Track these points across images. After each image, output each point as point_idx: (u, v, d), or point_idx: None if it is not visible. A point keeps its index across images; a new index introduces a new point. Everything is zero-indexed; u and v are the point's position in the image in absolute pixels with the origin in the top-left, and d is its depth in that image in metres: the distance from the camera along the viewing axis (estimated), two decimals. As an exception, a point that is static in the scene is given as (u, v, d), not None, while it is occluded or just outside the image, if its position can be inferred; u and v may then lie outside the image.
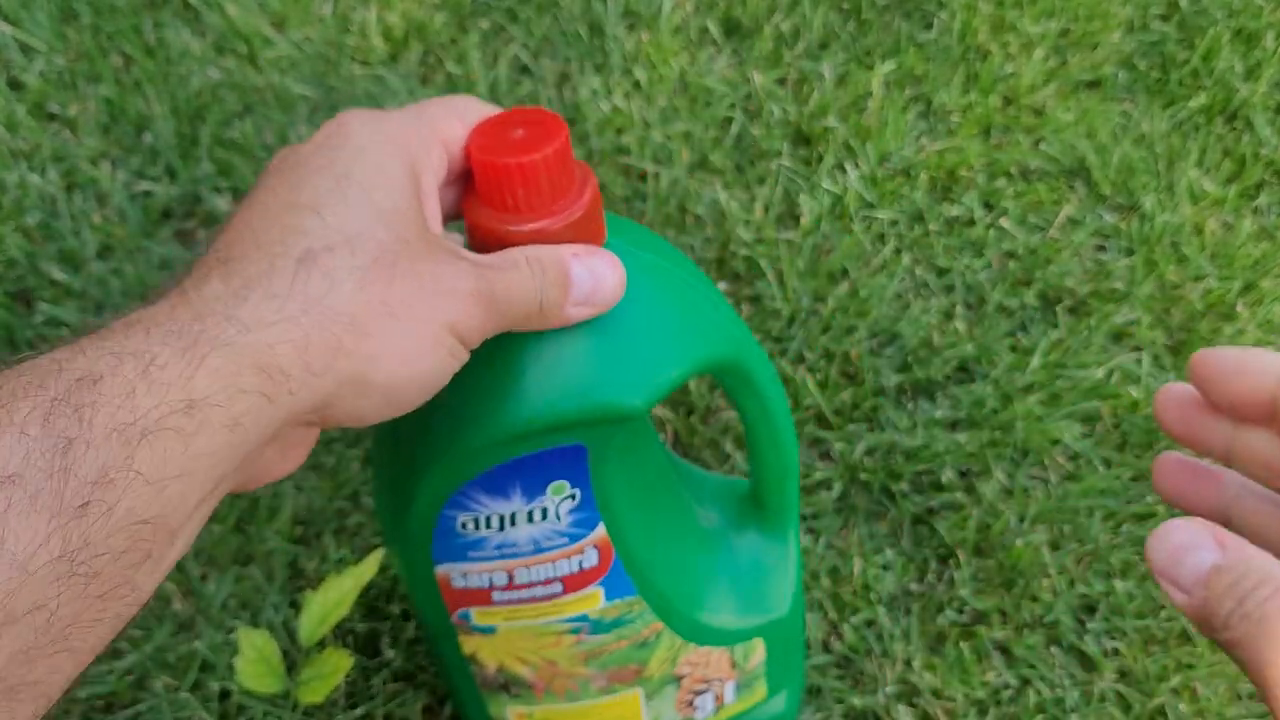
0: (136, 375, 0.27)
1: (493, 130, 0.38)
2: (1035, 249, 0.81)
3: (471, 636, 0.49)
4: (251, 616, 0.65)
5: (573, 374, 0.39)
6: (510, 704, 0.53)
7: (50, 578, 0.25)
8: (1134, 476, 0.71)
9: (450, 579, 0.46)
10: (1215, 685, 0.62)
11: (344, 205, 0.32)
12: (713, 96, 0.90)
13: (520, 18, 0.97)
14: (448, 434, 0.41)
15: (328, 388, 0.31)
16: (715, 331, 0.43)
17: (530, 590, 0.46)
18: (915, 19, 0.97)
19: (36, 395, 0.26)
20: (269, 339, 0.29)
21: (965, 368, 0.76)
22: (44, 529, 0.24)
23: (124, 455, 0.26)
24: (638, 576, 0.47)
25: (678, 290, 0.42)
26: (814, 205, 0.83)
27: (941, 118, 0.89)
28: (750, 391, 0.45)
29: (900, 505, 0.69)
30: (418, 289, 0.32)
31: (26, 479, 0.25)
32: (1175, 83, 0.92)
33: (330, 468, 0.71)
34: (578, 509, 0.44)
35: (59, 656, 0.26)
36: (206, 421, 0.27)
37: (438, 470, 0.42)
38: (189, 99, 0.90)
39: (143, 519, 0.26)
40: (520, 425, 0.40)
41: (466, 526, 0.44)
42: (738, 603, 0.52)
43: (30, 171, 0.85)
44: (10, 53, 0.93)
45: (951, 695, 0.62)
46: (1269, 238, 0.83)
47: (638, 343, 0.40)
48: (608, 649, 0.50)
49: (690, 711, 0.55)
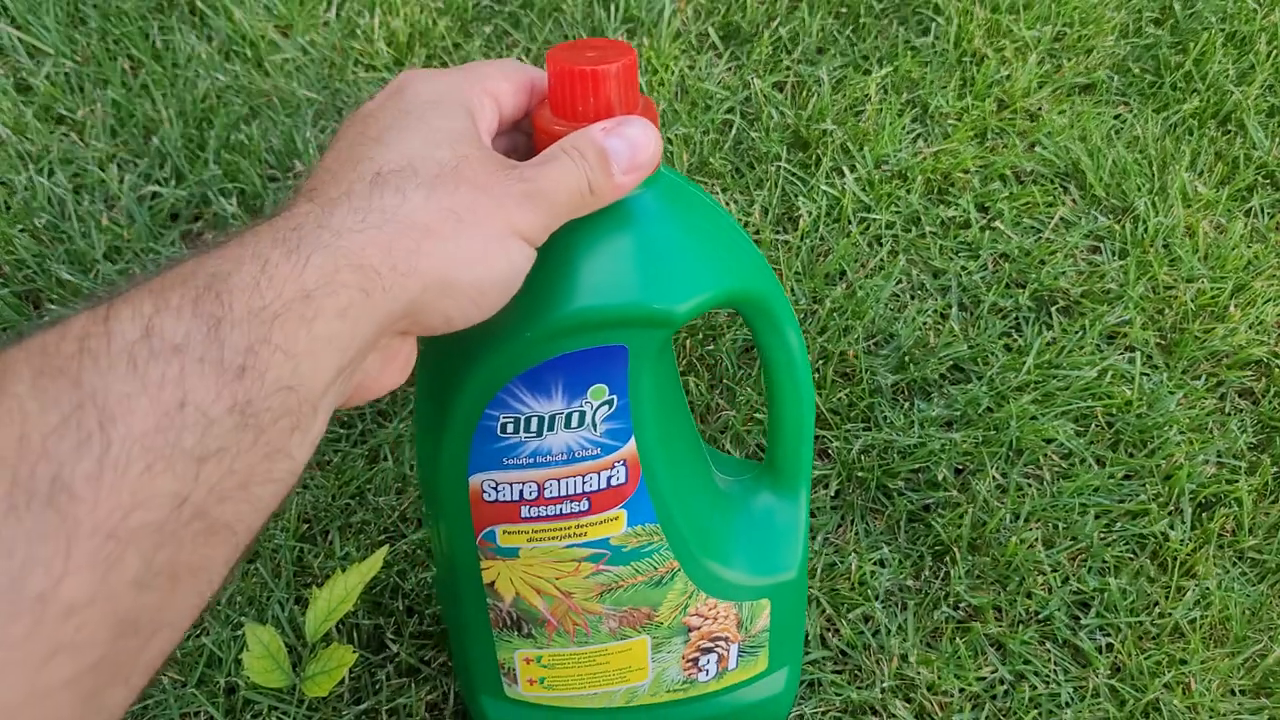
0: (257, 272, 0.31)
1: (568, 50, 0.41)
2: (1029, 251, 0.82)
3: (493, 562, 0.51)
4: (258, 612, 0.66)
5: (622, 275, 0.43)
6: (520, 646, 0.55)
7: (229, 426, 0.29)
8: (1126, 475, 0.72)
9: (483, 491, 0.49)
10: (1208, 680, 0.63)
11: (405, 134, 0.37)
12: (712, 101, 0.91)
13: (523, 23, 0.98)
14: (503, 326, 0.43)
15: (414, 288, 0.35)
16: (750, 266, 0.47)
17: (558, 505, 0.49)
18: (911, 24, 0.98)
19: (184, 288, 0.30)
20: (358, 244, 0.33)
21: (960, 367, 0.77)
22: (215, 386, 0.29)
23: (262, 332, 0.30)
24: (660, 503, 0.50)
25: (719, 224, 0.46)
26: (812, 208, 0.84)
27: (937, 122, 0.90)
28: (775, 331, 0.49)
29: (896, 503, 0.70)
30: (480, 197, 0.36)
31: (191, 348, 0.29)
32: (1168, 86, 0.93)
33: (336, 465, 0.72)
34: (613, 416, 0.47)
35: (243, 506, 0.30)
36: (321, 309, 0.32)
37: (490, 360, 0.45)
38: (196, 102, 0.91)
39: (288, 385, 0.31)
40: (572, 318, 0.43)
41: (506, 429, 0.47)
42: (749, 559, 0.54)
43: (39, 174, 0.86)
44: (19, 56, 0.94)
45: (947, 690, 0.63)
46: (1261, 239, 0.84)
47: (683, 258, 0.44)
48: (623, 583, 0.52)
49: (694, 671, 0.56)
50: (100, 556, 0.27)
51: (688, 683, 0.56)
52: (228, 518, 0.30)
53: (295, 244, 0.33)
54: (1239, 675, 0.64)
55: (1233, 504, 0.70)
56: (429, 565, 0.68)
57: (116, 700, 0.29)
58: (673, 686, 0.56)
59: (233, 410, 0.29)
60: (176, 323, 0.29)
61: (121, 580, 0.27)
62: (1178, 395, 0.74)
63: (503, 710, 0.57)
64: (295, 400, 0.31)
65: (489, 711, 0.58)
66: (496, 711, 0.58)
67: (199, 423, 0.29)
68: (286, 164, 0.88)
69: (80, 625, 0.27)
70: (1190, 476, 0.70)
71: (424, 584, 0.67)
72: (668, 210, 0.44)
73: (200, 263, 0.32)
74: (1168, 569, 0.68)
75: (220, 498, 0.30)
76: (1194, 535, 0.69)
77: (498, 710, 0.57)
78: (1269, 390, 0.76)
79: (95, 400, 0.27)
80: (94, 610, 0.27)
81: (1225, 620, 0.65)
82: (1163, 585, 0.67)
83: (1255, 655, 0.64)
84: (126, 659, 0.28)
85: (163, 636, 0.30)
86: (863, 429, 0.73)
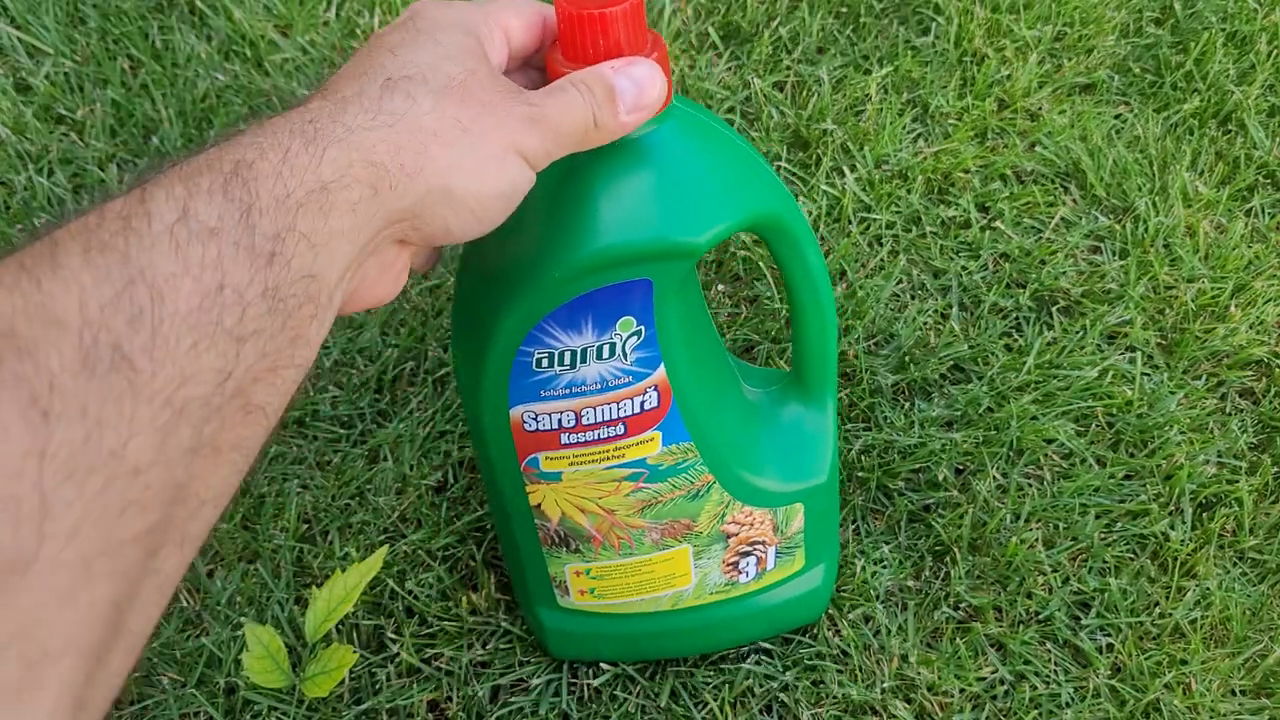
0: (280, 161, 0.33)
1: None
2: (1030, 250, 0.82)
3: (538, 486, 0.54)
4: (258, 612, 0.66)
5: (641, 211, 0.45)
6: (569, 560, 0.57)
7: (262, 310, 0.31)
8: (1127, 475, 0.71)
9: (523, 422, 0.51)
10: (1209, 681, 0.63)
11: (417, 48, 0.38)
12: (712, 100, 0.91)
13: (522, 22, 0.98)
14: (530, 268, 0.45)
15: (419, 189, 0.36)
16: (766, 190, 0.49)
17: (595, 431, 0.51)
18: (912, 24, 0.98)
19: (212, 174, 0.31)
20: (369, 141, 0.35)
21: (961, 367, 0.77)
22: (249, 271, 0.30)
23: (288, 220, 0.32)
24: (692, 423, 0.52)
25: (734, 152, 0.48)
26: (812, 207, 0.84)
27: (938, 121, 0.90)
28: (795, 251, 0.50)
29: (897, 503, 0.70)
30: (485, 112, 0.38)
31: (226, 232, 0.30)
32: (1169, 86, 0.93)
33: (336, 466, 0.72)
34: (642, 345, 0.49)
35: (271, 389, 0.32)
36: (335, 202, 0.33)
37: (521, 302, 0.46)
38: (196, 102, 0.91)
39: (310, 273, 0.32)
40: (596, 257, 0.45)
41: (541, 364, 0.48)
42: (781, 467, 0.57)
43: (38, 174, 0.86)
44: (18, 56, 0.94)
45: (947, 690, 0.63)
46: (1261, 239, 0.84)
47: (700, 189, 0.46)
48: (662, 498, 0.54)
49: (734, 574, 0.59)
50: (159, 423, 0.28)
51: (729, 584, 0.60)
52: (260, 399, 0.32)
53: (312, 135, 0.34)
54: (1239, 675, 0.64)
55: (1233, 504, 0.70)
56: (429, 565, 0.68)
57: (171, 564, 0.30)
58: (715, 589, 0.60)
59: (265, 295, 0.31)
60: (209, 206, 0.30)
61: (177, 448, 0.29)
62: (1178, 395, 0.74)
63: (557, 618, 0.61)
64: (315, 288, 0.33)
65: (545, 620, 0.61)
66: (552, 620, 0.61)
67: (237, 304, 0.30)
68: (286, 164, 0.88)
69: (145, 485, 0.28)
70: (1191, 476, 0.70)
71: (424, 584, 0.67)
72: (683, 143, 0.45)
73: (223, 149, 0.33)
74: (1168, 569, 0.68)
75: (254, 378, 0.31)
76: (1194, 535, 0.69)
77: (553, 619, 0.61)
78: (1269, 390, 0.76)
79: (145, 277, 0.28)
80: (154, 473, 0.28)
81: (1226, 620, 0.65)
82: (1163, 585, 0.67)
83: (1256, 655, 0.64)
84: (177, 526, 0.30)
85: (206, 510, 0.31)
86: (863, 429, 0.73)
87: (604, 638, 0.62)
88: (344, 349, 0.77)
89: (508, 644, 0.65)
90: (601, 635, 0.62)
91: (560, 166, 0.42)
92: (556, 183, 0.44)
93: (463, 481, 0.71)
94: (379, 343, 0.78)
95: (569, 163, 0.42)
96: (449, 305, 0.79)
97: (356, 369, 0.77)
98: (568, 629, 0.61)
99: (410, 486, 0.71)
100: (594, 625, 0.61)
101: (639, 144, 0.44)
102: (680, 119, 0.45)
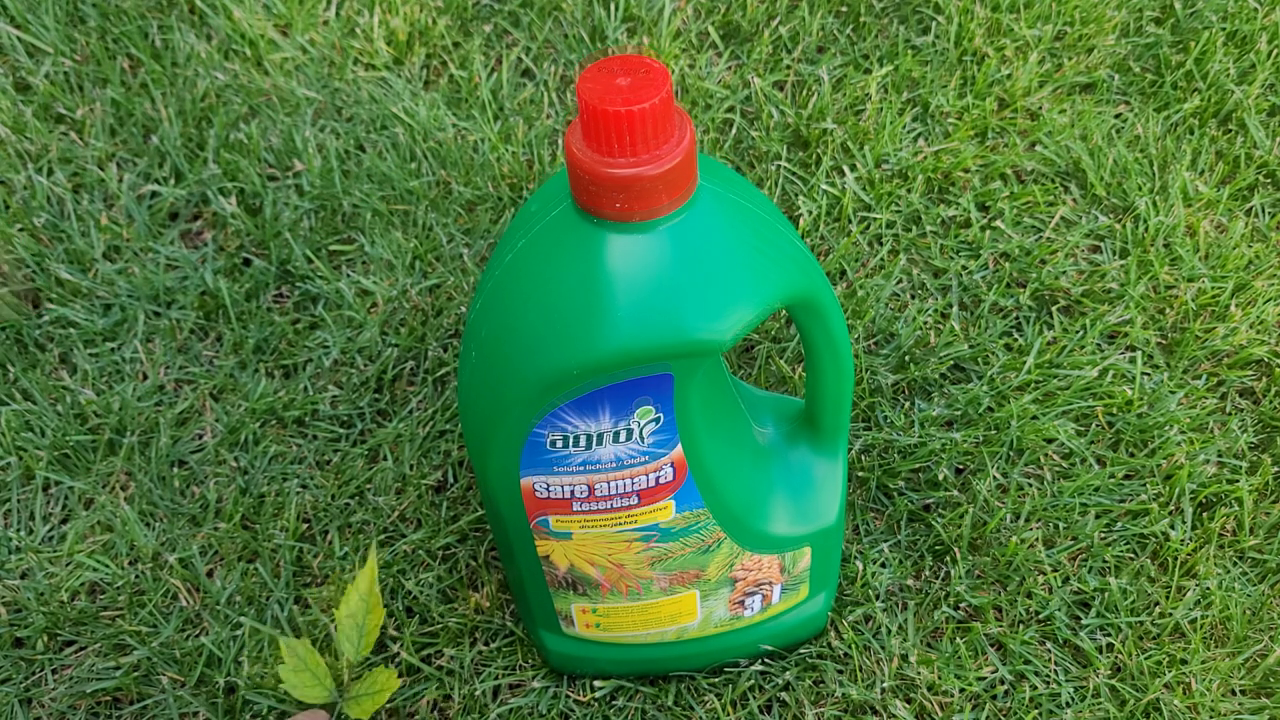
0: None
1: (601, 73, 0.40)
2: (1030, 250, 0.82)
3: (547, 540, 0.53)
4: (257, 612, 0.66)
5: (664, 307, 0.43)
6: (576, 600, 0.57)
7: None
8: (1127, 474, 0.71)
9: (534, 488, 0.50)
10: (1209, 680, 0.63)
11: None
12: (712, 100, 0.91)
13: (522, 22, 0.98)
14: (547, 359, 0.44)
15: None
16: (793, 269, 0.47)
17: (608, 501, 0.50)
18: (912, 23, 0.98)
19: None
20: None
21: (961, 367, 0.77)
22: None
23: None
24: (706, 490, 0.51)
25: (760, 231, 0.46)
26: (812, 207, 0.84)
27: (938, 121, 0.90)
28: (821, 325, 0.49)
29: (897, 502, 0.70)
30: None
31: None
32: (1169, 85, 0.93)
33: (335, 466, 0.72)
34: (660, 430, 0.48)
35: None
36: None
37: (535, 390, 0.45)
38: (195, 101, 0.91)
39: None
40: (615, 356, 0.43)
41: (555, 444, 0.47)
42: (791, 513, 0.56)
43: (38, 173, 0.86)
44: (18, 55, 0.94)
45: (947, 689, 0.63)
46: (1262, 239, 0.84)
47: (725, 280, 0.43)
48: (673, 554, 0.54)
49: (740, 610, 0.59)
50: None
51: (734, 619, 0.60)
52: None
53: None
54: (1239, 675, 0.64)
55: (1233, 504, 0.70)
56: (429, 565, 0.68)
57: None
58: (720, 623, 0.60)
59: None
60: None
61: None
62: (1178, 395, 0.74)
63: (561, 643, 0.61)
64: None
65: (549, 643, 0.61)
66: (556, 644, 0.61)
67: None
68: (286, 163, 0.88)
69: None
70: (1191, 476, 0.70)
71: (424, 584, 0.67)
72: (707, 230, 0.43)
73: None
74: (1168, 569, 0.68)
75: None
76: (1194, 535, 0.69)
77: (557, 643, 0.61)
78: (1269, 390, 0.76)
79: None
80: None
81: (1226, 620, 0.65)
82: (1163, 585, 0.67)
83: (1256, 655, 0.64)
84: None
85: None
86: (863, 429, 0.73)
87: (607, 661, 0.62)
88: (344, 349, 0.77)
89: (509, 643, 0.65)
90: (605, 659, 0.62)
91: (582, 256, 0.41)
92: (579, 273, 0.43)
93: (463, 481, 0.71)
94: (379, 342, 0.78)
95: (592, 250, 0.41)
96: (449, 305, 0.79)
97: (356, 368, 0.77)
98: (571, 652, 0.61)
99: (410, 486, 0.71)
100: (598, 650, 0.61)
101: (663, 234, 0.42)
102: (707, 202, 0.43)
